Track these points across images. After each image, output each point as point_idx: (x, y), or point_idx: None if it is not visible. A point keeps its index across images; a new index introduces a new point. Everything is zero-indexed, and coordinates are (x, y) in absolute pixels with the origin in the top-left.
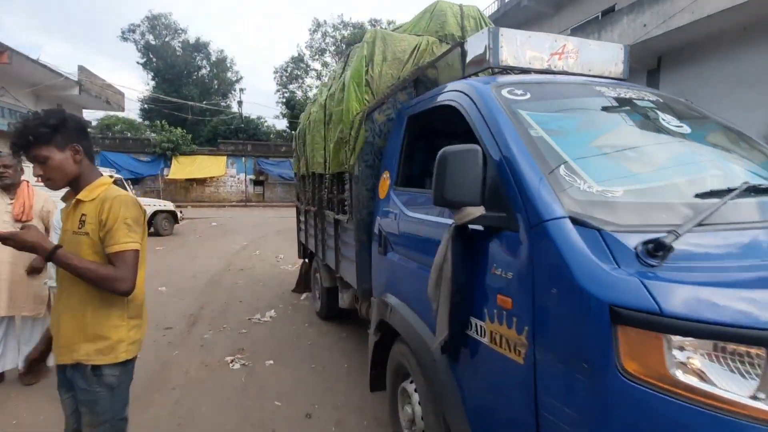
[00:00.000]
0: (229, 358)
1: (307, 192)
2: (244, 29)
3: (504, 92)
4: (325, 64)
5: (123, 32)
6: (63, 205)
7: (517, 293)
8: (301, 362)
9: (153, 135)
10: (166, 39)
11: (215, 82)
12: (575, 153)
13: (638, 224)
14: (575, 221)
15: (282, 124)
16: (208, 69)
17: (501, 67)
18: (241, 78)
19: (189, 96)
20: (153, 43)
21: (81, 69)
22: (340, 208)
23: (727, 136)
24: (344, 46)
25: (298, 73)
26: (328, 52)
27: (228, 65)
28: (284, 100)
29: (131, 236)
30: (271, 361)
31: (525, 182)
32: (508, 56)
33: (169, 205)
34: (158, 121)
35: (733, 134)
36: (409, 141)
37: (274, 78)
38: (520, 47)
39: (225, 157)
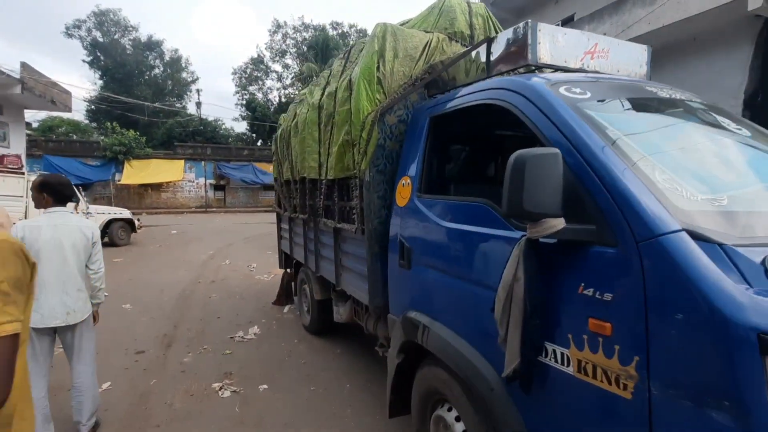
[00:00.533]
0: (216, 385)
1: (294, 198)
2: (198, 28)
3: (562, 90)
4: (286, 66)
5: (67, 28)
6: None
7: (621, 318)
8: (298, 385)
9: (102, 138)
10: (115, 36)
11: (169, 82)
12: (661, 157)
13: (756, 236)
14: (691, 235)
15: (241, 127)
16: (162, 69)
17: (538, 65)
18: (197, 79)
19: (141, 97)
20: (101, 40)
21: (24, 66)
22: (344, 216)
23: None
24: (305, 48)
25: (258, 74)
26: (288, 53)
27: (183, 65)
28: (244, 102)
29: (7, 311)
30: (265, 386)
31: (622, 191)
32: (545, 53)
33: (125, 213)
34: (108, 123)
35: None
36: (432, 144)
37: (233, 79)
38: (557, 44)
39: (182, 161)
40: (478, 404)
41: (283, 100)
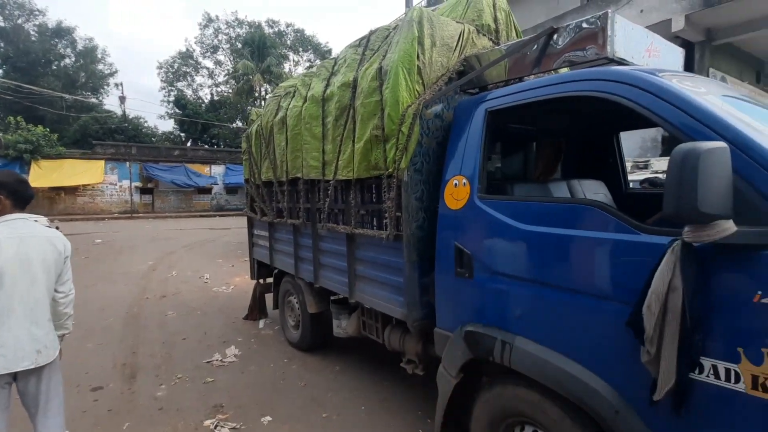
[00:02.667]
0: (209, 423)
1: (280, 202)
2: (117, 18)
3: (684, 83)
4: (218, 63)
5: None
6: None
7: None
8: (306, 412)
9: (2, 134)
10: (18, 21)
11: (82, 74)
12: None
13: None
14: None
15: (168, 125)
16: (74, 59)
17: (616, 59)
18: (116, 72)
19: (49, 89)
20: (1, 24)
21: None
22: (364, 220)
23: None
24: (239, 45)
25: (187, 70)
26: (221, 49)
27: (99, 56)
28: (172, 99)
29: None
30: (269, 417)
31: None
32: (620, 47)
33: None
34: (12, 118)
35: None
36: (490, 140)
37: (159, 74)
38: (629, 38)
39: (103, 162)
40: (590, 429)
41: (216, 97)
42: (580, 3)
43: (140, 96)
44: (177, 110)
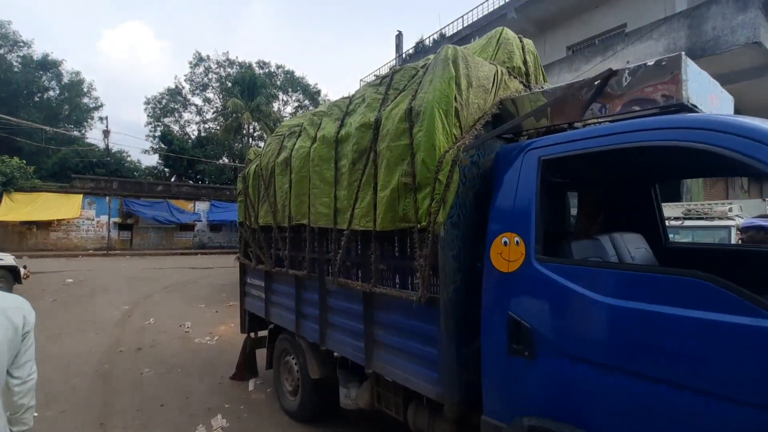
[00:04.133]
0: None
1: (280, 250)
2: (106, 54)
3: None
4: (207, 100)
5: None
6: None
7: None
8: None
9: None
10: (1, 51)
11: (66, 107)
12: None
13: None
14: None
15: (152, 161)
16: (58, 91)
17: (690, 105)
18: (102, 105)
19: (30, 120)
20: None
21: None
22: (384, 278)
23: None
24: (229, 84)
25: (175, 106)
26: (211, 87)
27: (85, 89)
28: (158, 134)
29: None
30: None
31: None
32: (692, 92)
33: (6, 259)
34: None
35: None
36: (545, 193)
37: (146, 109)
38: (699, 83)
39: (80, 196)
40: None
41: (203, 134)
42: (565, 54)
43: (125, 130)
44: (162, 145)
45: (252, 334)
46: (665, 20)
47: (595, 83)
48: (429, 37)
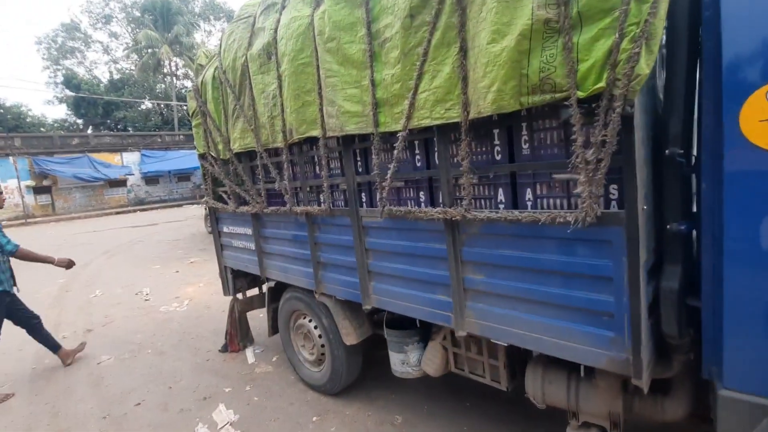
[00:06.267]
0: None
1: (273, 181)
2: None
3: None
4: (113, 35)
5: None
6: None
7: None
8: None
9: None
10: None
11: None
12: None
13: None
14: None
15: (59, 112)
16: None
17: None
18: None
19: None
20: None
21: None
22: (480, 195)
23: None
24: (138, 13)
25: (75, 45)
26: (115, 19)
27: None
28: (61, 80)
29: None
30: None
31: None
32: None
33: None
34: None
35: None
36: None
37: (39, 50)
38: None
39: None
40: None
41: (116, 76)
42: None
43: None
44: (68, 92)
45: (239, 295)
46: None
47: None
48: None
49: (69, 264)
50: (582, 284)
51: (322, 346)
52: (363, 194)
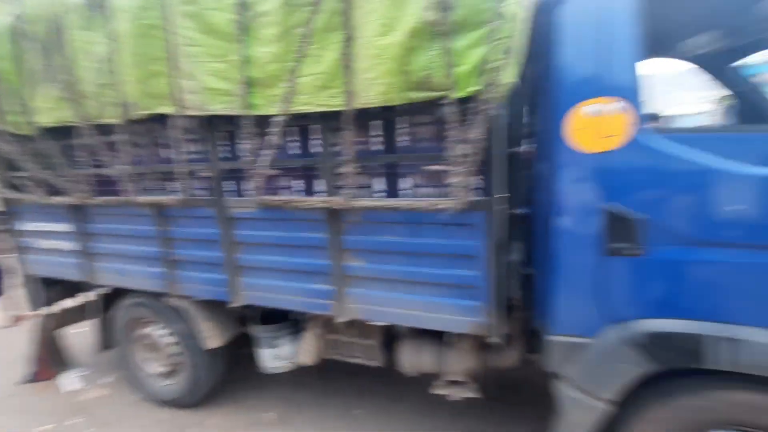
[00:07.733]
0: None
1: (102, 165)
2: None
3: None
4: None
5: None
6: None
7: None
8: None
9: None
10: None
11: None
12: None
13: None
14: None
15: None
16: None
17: None
18: None
19: None
20: None
21: None
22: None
23: None
24: None
25: None
26: None
27: None
28: None
29: None
30: None
31: None
32: None
33: None
34: None
35: None
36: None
37: None
38: None
39: None
40: None
41: None
42: None
43: None
44: None
45: (51, 311)
46: None
47: None
48: None
49: None
50: (452, 263)
51: (178, 354)
52: (228, 182)
